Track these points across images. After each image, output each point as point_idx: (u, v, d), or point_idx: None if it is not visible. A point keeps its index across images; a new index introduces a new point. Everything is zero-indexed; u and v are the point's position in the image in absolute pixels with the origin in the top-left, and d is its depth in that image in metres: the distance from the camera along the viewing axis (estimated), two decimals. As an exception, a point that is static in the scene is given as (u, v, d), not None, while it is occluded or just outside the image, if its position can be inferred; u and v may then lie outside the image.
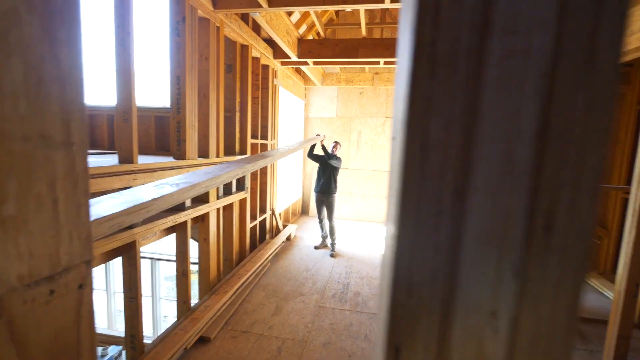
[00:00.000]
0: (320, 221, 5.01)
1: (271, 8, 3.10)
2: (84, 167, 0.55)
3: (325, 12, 5.68)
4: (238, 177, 1.35)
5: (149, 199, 0.85)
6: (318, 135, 4.76)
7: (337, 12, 6.27)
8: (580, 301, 0.24)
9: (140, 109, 4.09)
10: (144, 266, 5.54)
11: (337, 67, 6.39)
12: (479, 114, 0.24)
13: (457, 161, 0.24)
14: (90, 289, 0.60)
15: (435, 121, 0.24)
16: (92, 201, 0.84)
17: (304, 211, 7.48)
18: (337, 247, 5.10)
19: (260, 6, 3.01)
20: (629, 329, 2.30)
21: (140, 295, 2.60)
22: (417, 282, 0.26)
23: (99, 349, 4.34)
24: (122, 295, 3.15)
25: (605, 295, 3.86)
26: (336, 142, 4.77)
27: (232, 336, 2.84)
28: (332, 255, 4.80)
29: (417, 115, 0.24)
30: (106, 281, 5.36)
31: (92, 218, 0.73)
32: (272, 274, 4.14)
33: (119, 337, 4.86)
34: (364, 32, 4.53)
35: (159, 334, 3.40)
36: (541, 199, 0.24)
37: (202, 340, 2.77)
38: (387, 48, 4.57)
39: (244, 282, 3.62)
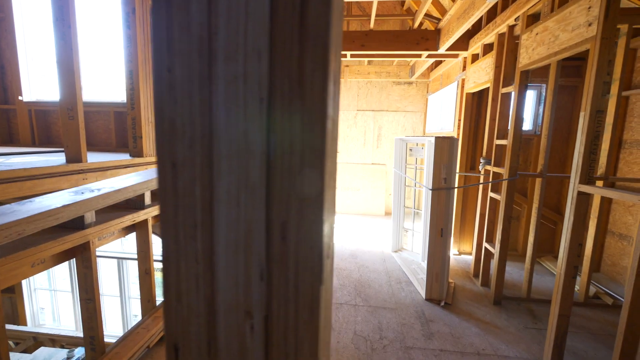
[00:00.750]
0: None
1: None
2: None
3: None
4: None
5: (59, 205, 0.84)
6: None
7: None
8: (319, 301, 0.27)
9: (98, 104, 3.94)
10: (112, 266, 5.38)
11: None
12: (215, 135, 0.26)
13: (203, 177, 0.27)
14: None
15: (180, 141, 0.26)
16: (-4, 207, 0.82)
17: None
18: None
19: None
20: (568, 308, 2.48)
21: (98, 296, 2.54)
22: (184, 289, 0.29)
23: (65, 351, 4.23)
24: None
25: (558, 276, 4.11)
26: None
27: (197, 332, 2.84)
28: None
29: (165, 136, 0.26)
30: (71, 283, 5.19)
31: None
32: (242, 269, 4.14)
33: (88, 339, 4.75)
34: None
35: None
36: (276, 211, 0.26)
37: (166, 338, 2.76)
38: (352, 41, 4.59)
39: (211, 278, 3.61)
